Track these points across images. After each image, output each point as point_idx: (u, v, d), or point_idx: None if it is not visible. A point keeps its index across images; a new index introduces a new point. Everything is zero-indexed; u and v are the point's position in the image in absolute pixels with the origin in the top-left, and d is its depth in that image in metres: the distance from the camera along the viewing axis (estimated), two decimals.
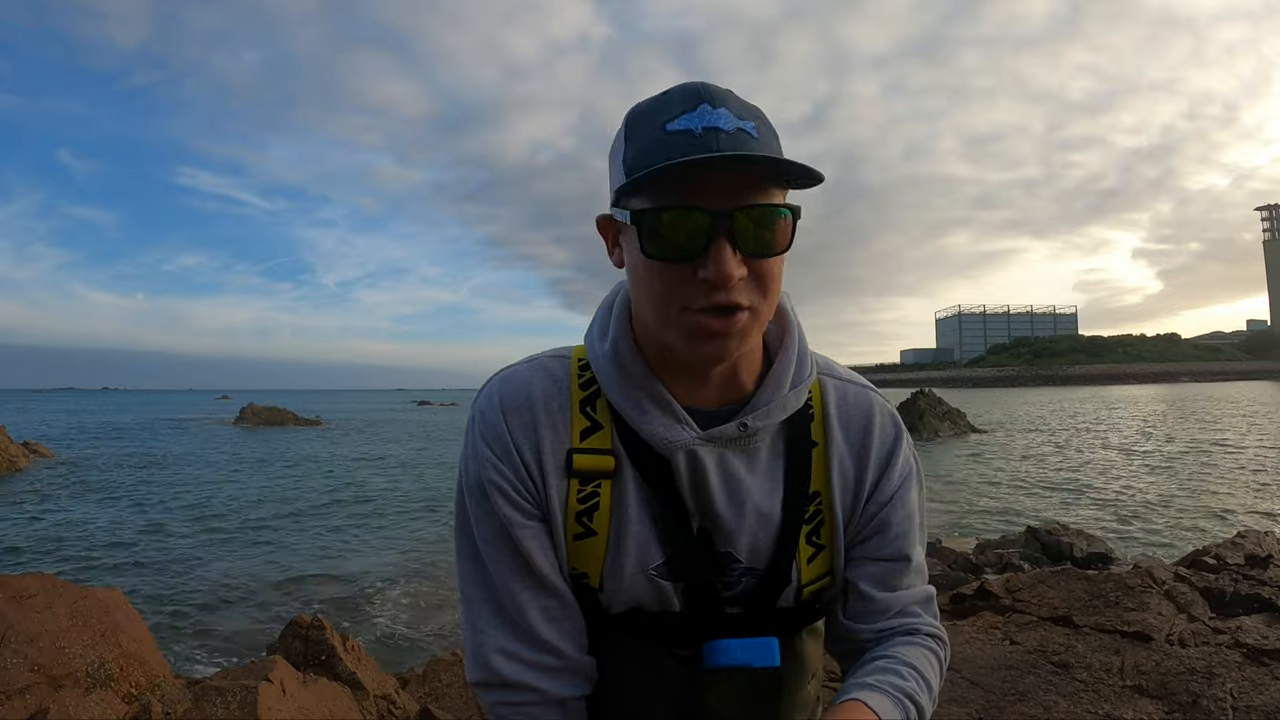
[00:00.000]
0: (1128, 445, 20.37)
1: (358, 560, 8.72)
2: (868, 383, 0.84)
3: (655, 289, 0.67)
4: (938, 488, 13.16)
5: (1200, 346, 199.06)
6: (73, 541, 9.91)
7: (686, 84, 0.68)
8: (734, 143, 0.63)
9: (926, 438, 22.59)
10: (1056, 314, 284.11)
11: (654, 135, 0.65)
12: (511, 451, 0.74)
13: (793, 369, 0.78)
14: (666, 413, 0.74)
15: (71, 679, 2.18)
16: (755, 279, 0.66)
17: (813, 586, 0.79)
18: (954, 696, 2.52)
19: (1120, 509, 10.86)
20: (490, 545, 0.75)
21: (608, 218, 0.73)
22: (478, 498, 0.76)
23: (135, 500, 13.52)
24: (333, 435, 32.48)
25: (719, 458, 0.75)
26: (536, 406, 0.76)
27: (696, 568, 0.75)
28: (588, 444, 0.75)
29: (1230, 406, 38.35)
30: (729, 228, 0.64)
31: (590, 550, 0.76)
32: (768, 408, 0.75)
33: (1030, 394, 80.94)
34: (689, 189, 0.64)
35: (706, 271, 0.64)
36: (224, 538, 10.14)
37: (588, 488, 0.75)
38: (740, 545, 0.76)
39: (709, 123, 0.64)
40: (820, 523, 0.79)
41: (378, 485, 15.69)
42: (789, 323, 0.80)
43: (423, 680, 3.39)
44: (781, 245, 0.67)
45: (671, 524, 0.75)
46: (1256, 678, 2.44)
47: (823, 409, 0.80)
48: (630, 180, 0.64)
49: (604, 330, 0.79)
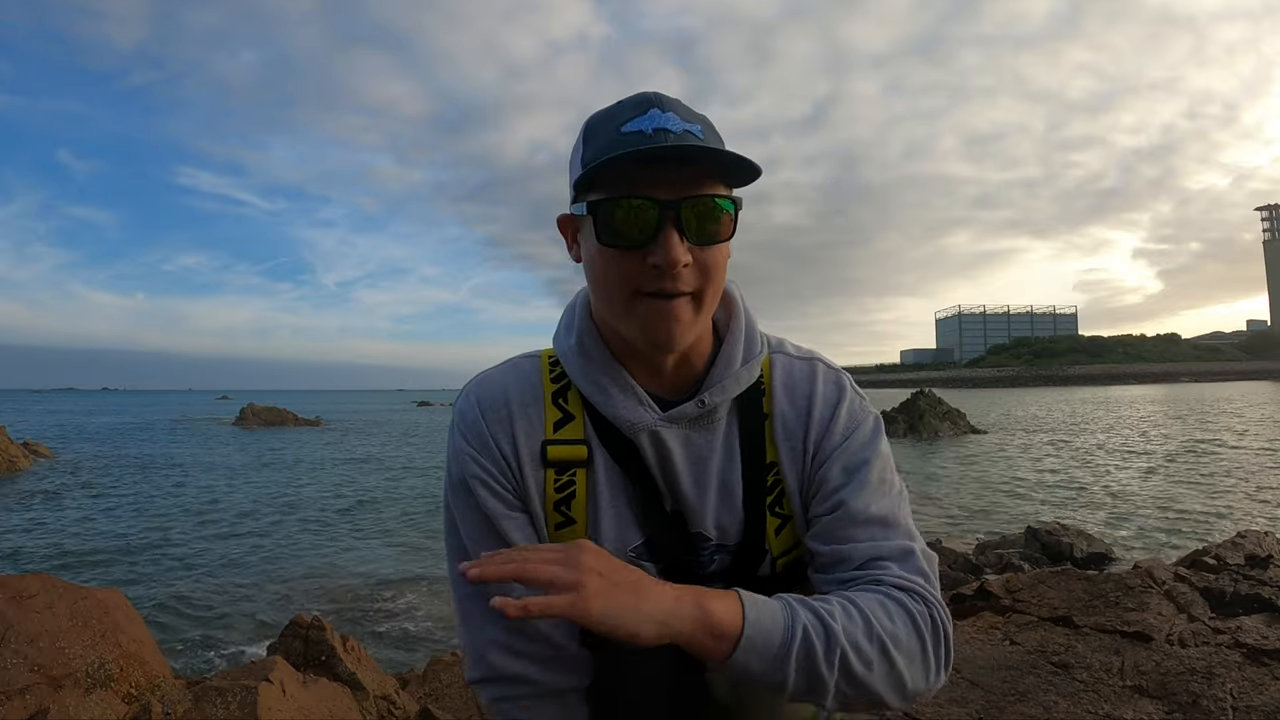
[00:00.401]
0: (1127, 445, 20.37)
1: (358, 561, 8.72)
2: (819, 355, 0.87)
3: (609, 275, 0.73)
4: (937, 487, 13.16)
5: (1200, 347, 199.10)
6: (72, 542, 9.92)
7: (638, 93, 0.75)
8: (681, 141, 0.70)
9: (926, 438, 22.61)
10: (1056, 314, 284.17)
11: (609, 137, 0.72)
12: (490, 445, 0.78)
13: (741, 347, 0.82)
14: (629, 395, 0.79)
15: (71, 679, 2.18)
16: (699, 266, 0.73)
17: (786, 558, 0.82)
18: (954, 696, 2.52)
19: (1120, 509, 10.87)
20: (477, 542, 0.78)
21: (568, 216, 0.80)
22: (462, 494, 0.79)
23: (135, 500, 13.52)
24: (333, 436, 32.49)
25: (683, 439, 0.79)
26: (512, 402, 0.81)
27: (674, 547, 0.79)
28: (560, 434, 0.80)
29: (1230, 407, 38.34)
30: (676, 217, 0.70)
31: (572, 538, 0.77)
32: (722, 384, 0.80)
33: (1030, 394, 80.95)
34: (639, 182, 0.70)
35: (655, 257, 0.70)
36: (224, 538, 10.14)
37: (563, 477, 0.79)
38: (708, 524, 0.80)
39: (659, 124, 0.70)
40: (780, 492, 0.81)
41: (378, 486, 15.69)
42: (736, 306, 0.85)
43: (423, 680, 3.39)
44: (724, 234, 0.74)
45: (646, 504, 0.78)
46: (1256, 678, 2.44)
47: (771, 382, 0.84)
48: (585, 173, 0.71)
49: (569, 326, 0.85)
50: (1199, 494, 11.91)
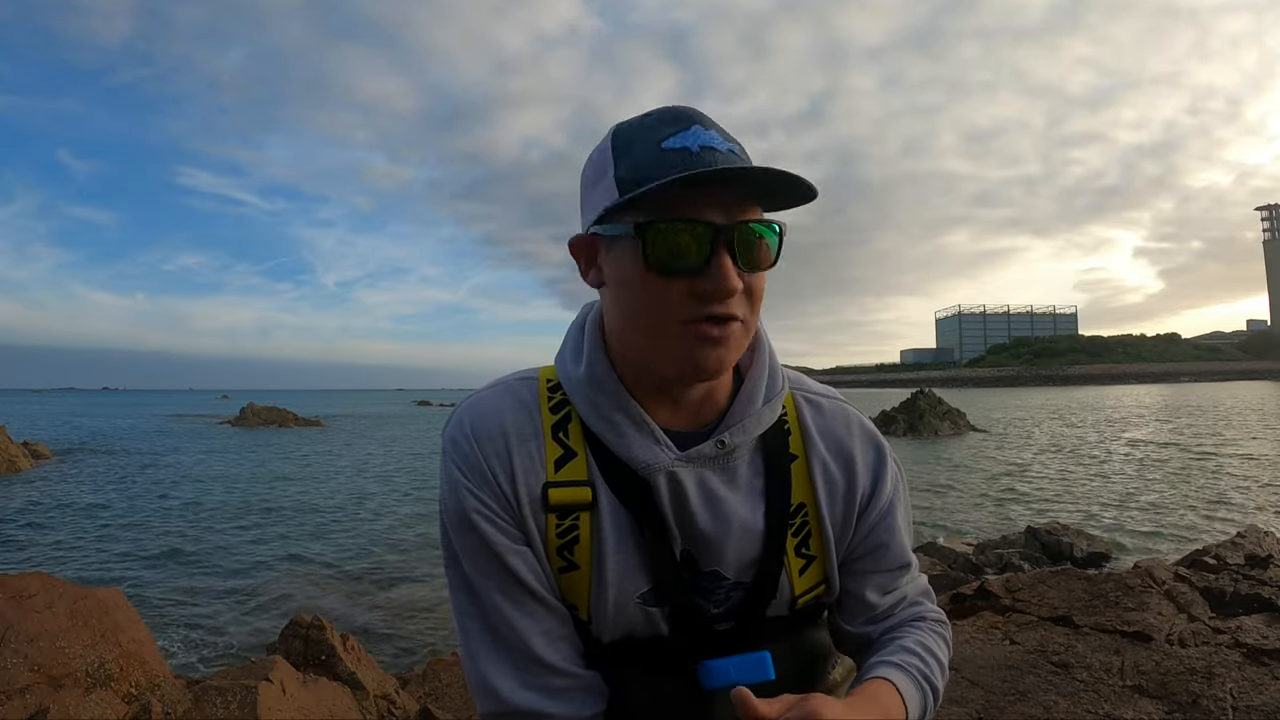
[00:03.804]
0: (1127, 445, 20.36)
1: (358, 560, 8.72)
2: (838, 395, 0.86)
3: (656, 302, 0.67)
4: (937, 487, 13.16)
5: (1200, 346, 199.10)
6: (72, 541, 9.92)
7: (668, 106, 0.71)
8: (729, 161, 0.65)
9: (926, 437, 22.60)
10: (1056, 314, 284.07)
11: (650, 152, 0.67)
12: (489, 479, 0.73)
13: (764, 384, 0.78)
14: (645, 434, 0.73)
15: (71, 679, 2.18)
16: (747, 292, 0.69)
17: (807, 596, 0.80)
18: (954, 696, 2.52)
19: (1120, 509, 10.87)
20: (482, 575, 0.74)
21: (588, 237, 0.73)
22: (463, 530, 0.74)
23: (135, 500, 13.52)
24: (333, 435, 32.50)
25: (699, 478, 0.75)
26: (509, 434, 0.75)
27: (681, 592, 0.75)
28: (562, 475, 0.74)
29: (1230, 407, 38.34)
30: (730, 242, 0.66)
31: (575, 583, 0.75)
32: (743, 424, 0.75)
33: (1030, 394, 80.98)
34: (689, 204, 0.65)
35: (709, 283, 0.66)
36: (223, 538, 10.14)
37: (566, 521, 0.74)
38: (727, 561, 0.76)
39: (704, 142, 0.66)
40: (808, 534, 0.79)
41: (378, 485, 15.70)
42: (759, 340, 0.81)
43: (423, 680, 3.39)
44: (770, 261, 0.70)
45: (654, 549, 0.74)
46: (1256, 678, 2.44)
47: (799, 422, 0.81)
48: (635, 193, 0.65)
49: (577, 353, 0.78)
50: (1199, 494, 11.91)
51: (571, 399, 0.76)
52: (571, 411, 0.76)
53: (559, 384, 0.78)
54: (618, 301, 0.72)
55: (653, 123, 0.69)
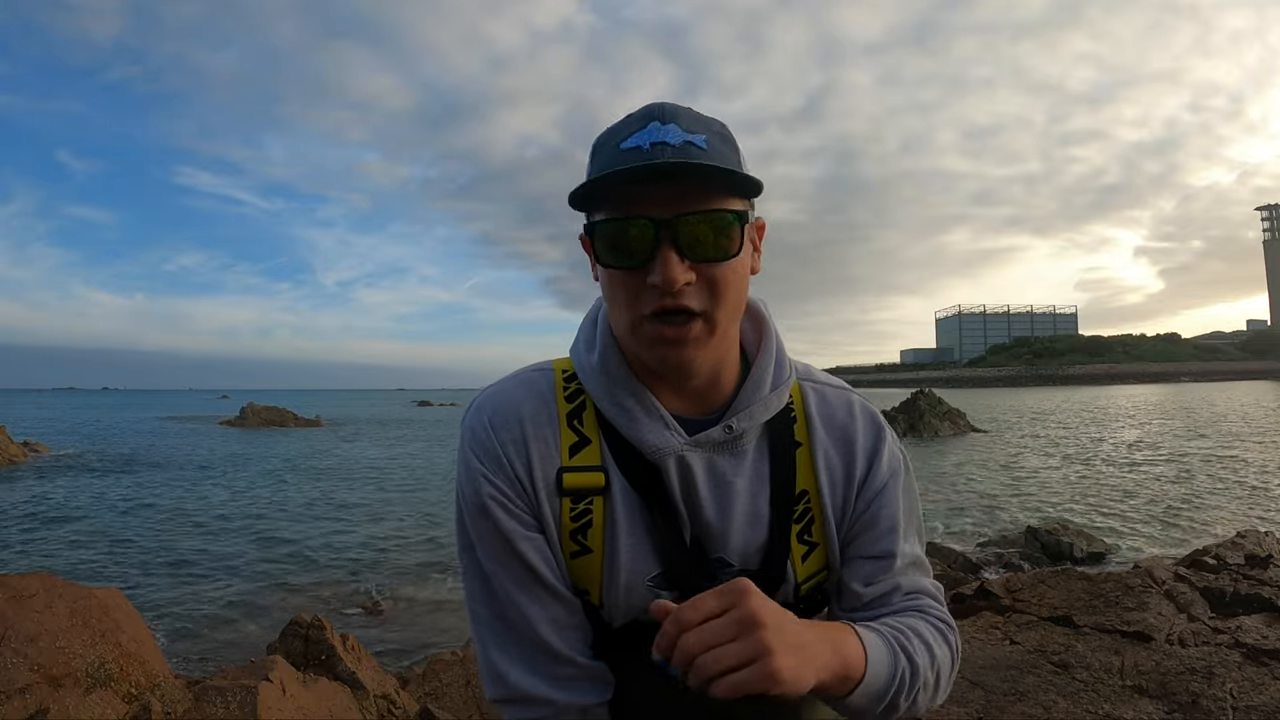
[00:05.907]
0: (1127, 445, 20.36)
1: (358, 559, 8.72)
2: (845, 384, 0.87)
3: (616, 297, 0.72)
4: (937, 487, 13.16)
5: (1200, 346, 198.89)
6: (72, 541, 9.91)
7: (647, 105, 0.73)
8: (680, 155, 0.67)
9: (926, 437, 22.59)
10: (1057, 314, 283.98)
11: (609, 154, 0.70)
12: (505, 465, 0.76)
13: (771, 372, 0.80)
14: (654, 419, 0.76)
15: (71, 679, 2.18)
16: (706, 284, 0.70)
17: (810, 583, 0.81)
18: (954, 697, 2.52)
19: (1120, 509, 10.86)
20: (495, 562, 0.76)
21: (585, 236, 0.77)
22: (478, 516, 0.76)
23: (135, 500, 13.51)
24: (333, 435, 32.48)
25: (707, 462, 0.77)
26: (525, 422, 0.77)
27: (691, 576, 0.76)
28: (577, 460, 0.77)
29: (1230, 407, 38.34)
30: (673, 234, 0.68)
31: (587, 567, 0.77)
32: (750, 409, 0.78)
33: (1030, 394, 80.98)
34: (636, 200, 0.69)
35: (654, 277, 0.68)
36: (223, 537, 10.13)
37: (580, 505, 0.76)
38: (732, 549, 0.78)
39: (657, 138, 0.68)
40: (811, 520, 0.81)
41: (378, 485, 15.69)
42: (766, 328, 0.83)
43: (423, 680, 3.39)
44: (731, 250, 0.70)
45: (665, 534, 0.76)
46: (1256, 678, 2.44)
47: (804, 410, 0.83)
48: (577, 195, 0.70)
49: (590, 343, 0.81)
50: (1199, 494, 11.90)
51: (585, 386, 0.79)
52: (586, 400, 0.79)
53: (574, 374, 0.81)
54: (603, 298, 0.78)
55: (621, 124, 0.73)
